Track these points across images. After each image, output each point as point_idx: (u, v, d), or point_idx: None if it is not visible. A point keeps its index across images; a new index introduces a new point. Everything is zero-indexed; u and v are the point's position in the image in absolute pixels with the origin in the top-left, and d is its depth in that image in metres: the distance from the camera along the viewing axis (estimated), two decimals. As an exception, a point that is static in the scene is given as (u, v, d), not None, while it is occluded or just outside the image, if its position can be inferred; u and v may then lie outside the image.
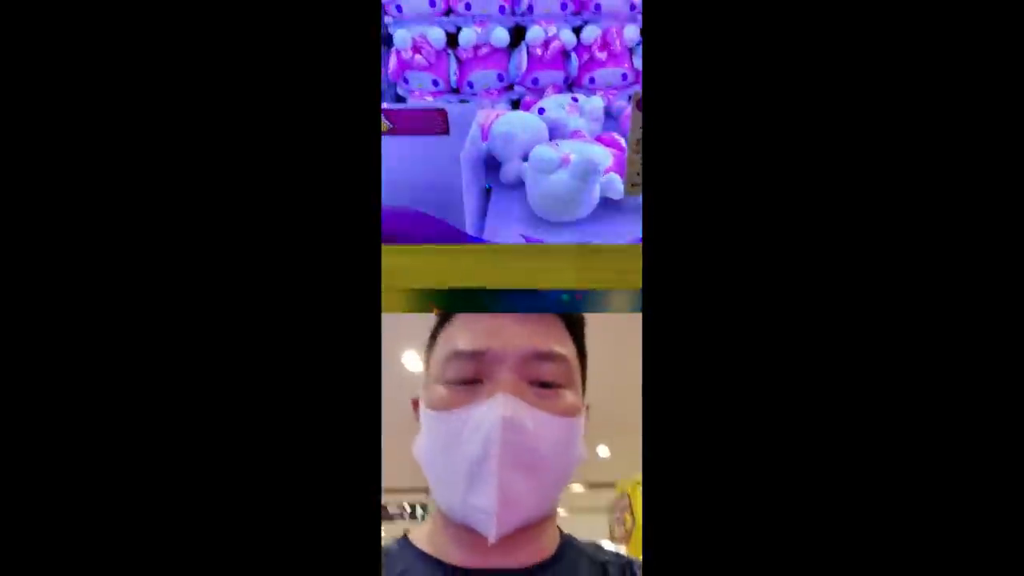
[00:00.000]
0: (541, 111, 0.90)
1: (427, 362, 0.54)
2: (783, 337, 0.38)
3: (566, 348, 0.51)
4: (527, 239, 0.73)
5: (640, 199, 0.66)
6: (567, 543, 0.54)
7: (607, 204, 0.76)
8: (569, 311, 0.53)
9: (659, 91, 0.40)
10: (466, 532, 0.49)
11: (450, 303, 0.57)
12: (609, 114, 0.98)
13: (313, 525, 0.39)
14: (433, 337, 0.54)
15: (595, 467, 1.55)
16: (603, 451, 1.43)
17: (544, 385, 0.49)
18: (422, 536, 0.54)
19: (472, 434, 0.47)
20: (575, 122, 0.88)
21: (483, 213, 0.79)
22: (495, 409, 0.47)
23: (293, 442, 0.39)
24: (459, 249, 0.65)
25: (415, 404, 0.54)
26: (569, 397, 0.50)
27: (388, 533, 0.56)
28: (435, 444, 0.50)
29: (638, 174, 0.70)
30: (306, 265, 0.40)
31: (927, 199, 0.37)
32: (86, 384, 0.37)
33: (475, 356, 0.49)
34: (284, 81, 0.39)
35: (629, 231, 0.73)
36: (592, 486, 1.73)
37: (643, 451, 0.41)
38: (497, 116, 0.86)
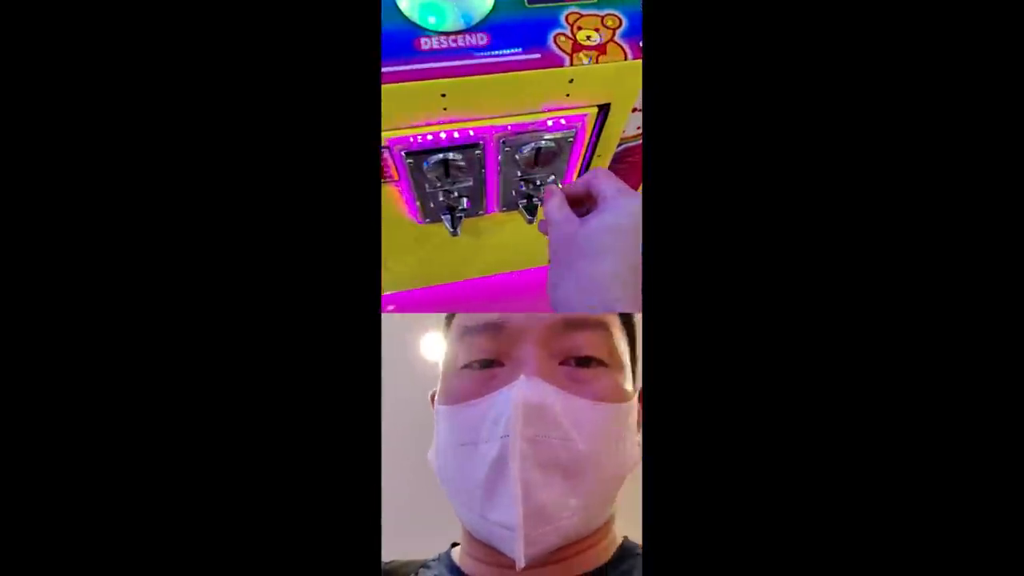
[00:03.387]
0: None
1: (443, 350, 0.45)
2: (781, 338, 0.38)
3: (608, 315, 0.42)
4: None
5: None
6: (626, 551, 0.43)
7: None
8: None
9: (659, 92, 0.39)
10: (492, 552, 0.40)
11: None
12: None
13: (311, 528, 0.37)
14: (449, 320, 0.45)
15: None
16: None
17: (580, 363, 0.41)
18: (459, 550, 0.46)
19: (491, 430, 0.39)
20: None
21: None
22: (515, 396, 0.38)
23: (292, 443, 0.37)
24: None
25: (433, 400, 0.46)
26: (614, 377, 0.41)
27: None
28: (449, 445, 0.42)
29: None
30: (306, 264, 0.37)
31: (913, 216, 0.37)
32: (82, 386, 0.36)
33: (491, 329, 0.41)
34: (282, 77, 0.37)
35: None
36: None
37: (643, 453, 0.38)
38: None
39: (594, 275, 0.41)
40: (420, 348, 0.97)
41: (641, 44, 0.57)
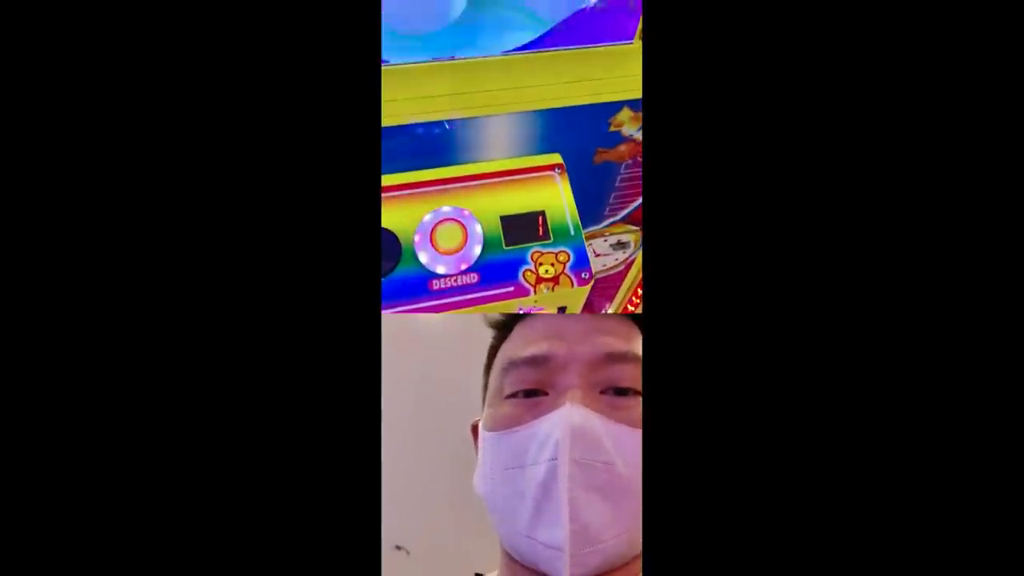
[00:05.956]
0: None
1: (486, 381, 0.49)
2: (781, 338, 0.38)
3: (640, 348, 0.45)
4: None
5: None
6: None
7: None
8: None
9: (659, 97, 0.40)
10: None
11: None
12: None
13: (311, 530, 0.38)
14: (492, 353, 0.49)
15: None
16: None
17: (619, 392, 0.44)
18: None
19: (537, 453, 0.42)
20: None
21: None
22: (562, 420, 0.41)
23: (291, 445, 0.38)
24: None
25: (474, 430, 0.49)
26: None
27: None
28: (496, 470, 0.44)
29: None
30: (305, 263, 0.38)
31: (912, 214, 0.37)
32: (81, 387, 0.36)
33: (536, 362, 0.44)
34: (282, 75, 0.37)
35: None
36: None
37: (643, 454, 0.40)
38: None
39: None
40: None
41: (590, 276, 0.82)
